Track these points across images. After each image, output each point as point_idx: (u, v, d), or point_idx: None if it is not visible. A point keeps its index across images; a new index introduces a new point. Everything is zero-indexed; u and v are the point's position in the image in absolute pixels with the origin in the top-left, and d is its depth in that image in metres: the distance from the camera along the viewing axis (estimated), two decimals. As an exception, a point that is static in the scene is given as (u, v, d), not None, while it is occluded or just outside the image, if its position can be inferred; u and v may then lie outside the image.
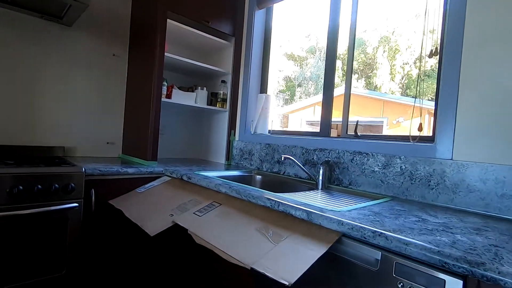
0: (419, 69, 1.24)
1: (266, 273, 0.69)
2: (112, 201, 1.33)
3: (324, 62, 1.67)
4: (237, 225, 0.94)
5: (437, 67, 1.25)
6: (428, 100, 1.31)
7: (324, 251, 0.73)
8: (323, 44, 1.69)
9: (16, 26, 1.51)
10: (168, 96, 1.78)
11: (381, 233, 0.69)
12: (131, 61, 1.86)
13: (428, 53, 1.21)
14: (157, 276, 1.54)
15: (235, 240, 0.86)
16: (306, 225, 0.85)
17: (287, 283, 0.64)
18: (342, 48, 1.68)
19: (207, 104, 1.99)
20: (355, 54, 1.56)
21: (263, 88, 2.03)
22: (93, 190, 1.28)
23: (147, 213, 1.17)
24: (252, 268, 0.72)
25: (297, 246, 0.77)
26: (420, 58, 1.23)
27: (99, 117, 1.81)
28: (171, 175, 1.48)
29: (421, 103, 1.21)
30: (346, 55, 1.59)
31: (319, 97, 1.70)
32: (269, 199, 0.98)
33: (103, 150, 1.84)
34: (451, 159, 1.07)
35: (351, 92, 1.58)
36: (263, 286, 0.97)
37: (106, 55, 1.80)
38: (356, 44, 1.59)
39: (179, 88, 1.92)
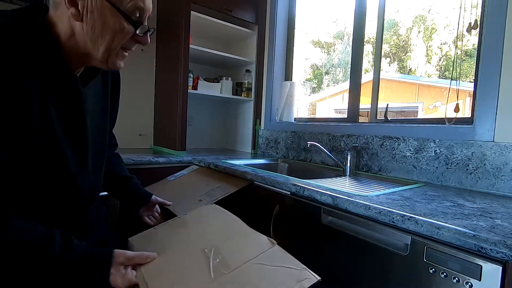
0: (456, 47, 1.14)
1: None
2: (146, 188, 1.40)
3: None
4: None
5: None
6: (470, 82, 1.21)
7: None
8: (351, 28, 1.61)
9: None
10: (194, 87, 1.82)
11: (411, 217, 0.66)
12: (158, 55, 1.92)
13: (466, 28, 1.12)
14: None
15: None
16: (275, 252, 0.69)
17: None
18: (372, 31, 1.60)
19: (232, 94, 2.01)
20: (386, 36, 1.48)
21: (288, 76, 2.00)
22: (127, 178, 1.36)
23: (177, 199, 1.22)
24: None
25: None
26: (457, 36, 1.14)
27: (132, 110, 1.90)
28: (199, 164, 1.53)
29: (457, 84, 1.12)
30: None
31: (348, 84, 1.64)
32: (294, 184, 0.97)
33: (136, 141, 1.94)
34: (492, 141, 0.99)
35: (382, 77, 1.50)
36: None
37: (135, 51, 1.87)
38: (387, 26, 1.51)
39: (205, 79, 1.95)
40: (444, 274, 0.62)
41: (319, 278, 0.60)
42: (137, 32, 0.62)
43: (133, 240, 0.82)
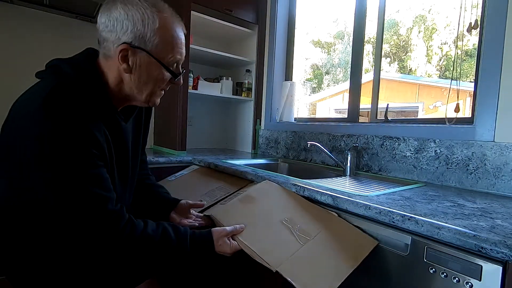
0: (456, 47, 1.14)
1: (292, 283, 0.64)
2: (146, 189, 1.40)
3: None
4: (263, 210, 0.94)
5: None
6: (470, 82, 1.21)
7: (357, 264, 0.69)
8: (351, 28, 1.61)
9: (52, 26, 1.62)
10: (195, 87, 1.82)
11: (411, 217, 0.66)
12: (159, 55, 1.92)
13: (466, 28, 1.11)
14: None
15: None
16: (337, 221, 0.82)
17: None
18: (372, 31, 1.60)
19: (233, 94, 2.01)
20: (386, 36, 1.48)
21: (288, 76, 2.00)
22: (128, 178, 1.36)
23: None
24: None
25: (328, 251, 0.73)
26: (458, 36, 1.14)
27: (132, 110, 1.90)
28: (199, 164, 1.53)
29: (457, 84, 1.12)
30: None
31: (348, 84, 1.64)
32: (294, 184, 0.97)
33: (136, 141, 1.93)
34: (493, 141, 0.99)
35: (383, 77, 1.50)
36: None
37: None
38: (387, 26, 1.50)
39: (205, 79, 1.95)
40: (444, 274, 0.62)
41: (377, 242, 0.74)
42: (175, 80, 0.76)
43: (213, 214, 0.89)
